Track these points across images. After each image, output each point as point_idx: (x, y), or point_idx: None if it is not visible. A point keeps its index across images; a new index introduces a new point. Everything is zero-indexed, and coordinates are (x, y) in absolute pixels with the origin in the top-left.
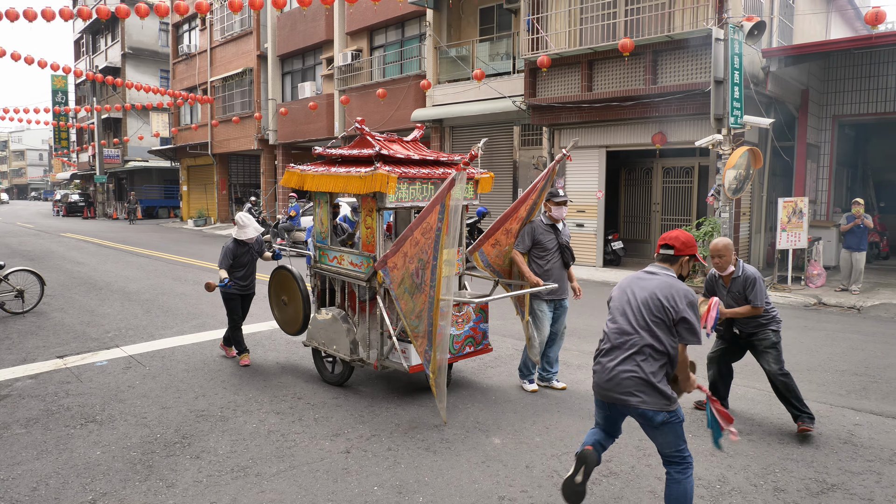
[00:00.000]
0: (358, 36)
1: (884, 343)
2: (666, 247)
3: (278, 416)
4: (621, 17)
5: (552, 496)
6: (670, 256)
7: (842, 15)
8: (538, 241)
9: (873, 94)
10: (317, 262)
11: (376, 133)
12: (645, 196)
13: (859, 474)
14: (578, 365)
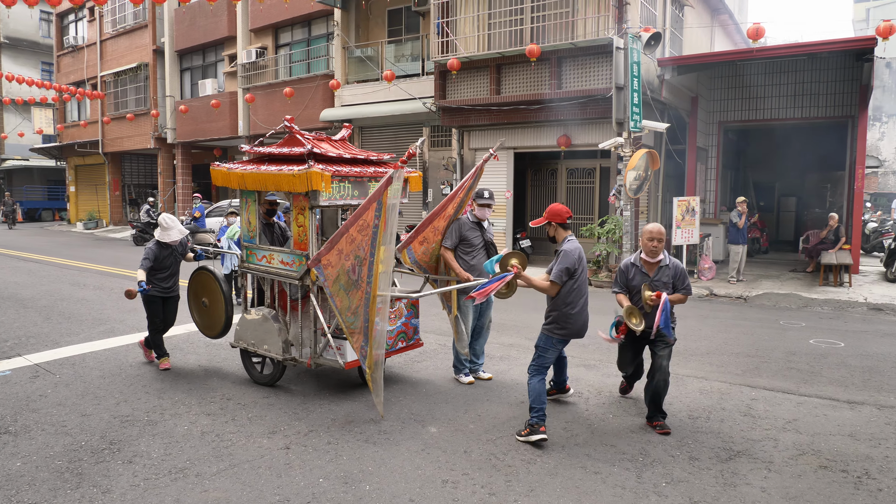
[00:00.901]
0: (263, 33)
1: (769, 328)
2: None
3: (210, 418)
4: (528, 23)
5: (492, 477)
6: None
7: (724, 29)
8: (465, 237)
9: (753, 103)
10: (244, 261)
11: (306, 132)
12: (550, 196)
13: (759, 441)
14: (501, 357)
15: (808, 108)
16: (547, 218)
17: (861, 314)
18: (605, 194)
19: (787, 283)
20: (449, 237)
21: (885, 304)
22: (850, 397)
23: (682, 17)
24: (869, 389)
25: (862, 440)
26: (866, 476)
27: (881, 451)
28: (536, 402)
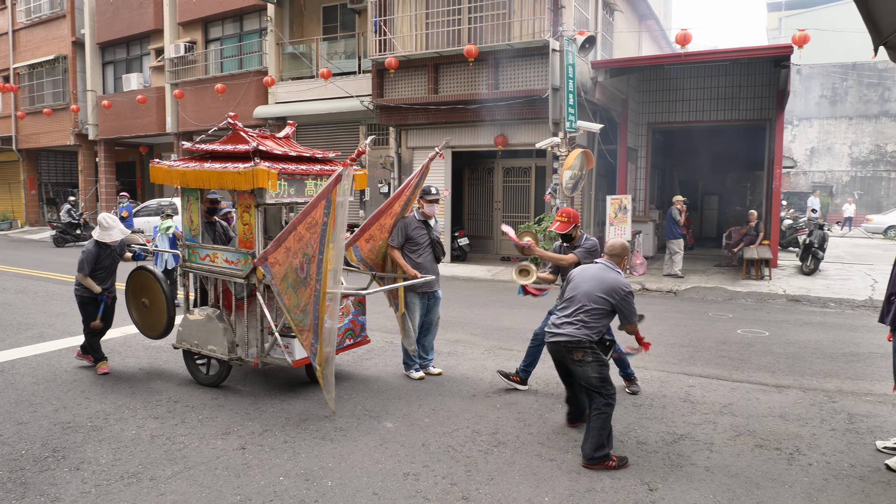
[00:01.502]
0: (191, 27)
1: (699, 319)
2: None
3: (157, 421)
4: (465, 24)
5: (452, 468)
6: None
7: (651, 34)
8: (411, 236)
9: (679, 105)
10: (186, 260)
11: (249, 129)
12: (487, 194)
13: (699, 425)
14: (448, 352)
15: (730, 111)
16: (573, 222)
17: (781, 305)
18: (540, 193)
19: (712, 278)
20: (395, 236)
21: (801, 296)
22: (777, 382)
23: (613, 21)
24: (794, 374)
25: (791, 420)
26: (797, 452)
27: (808, 430)
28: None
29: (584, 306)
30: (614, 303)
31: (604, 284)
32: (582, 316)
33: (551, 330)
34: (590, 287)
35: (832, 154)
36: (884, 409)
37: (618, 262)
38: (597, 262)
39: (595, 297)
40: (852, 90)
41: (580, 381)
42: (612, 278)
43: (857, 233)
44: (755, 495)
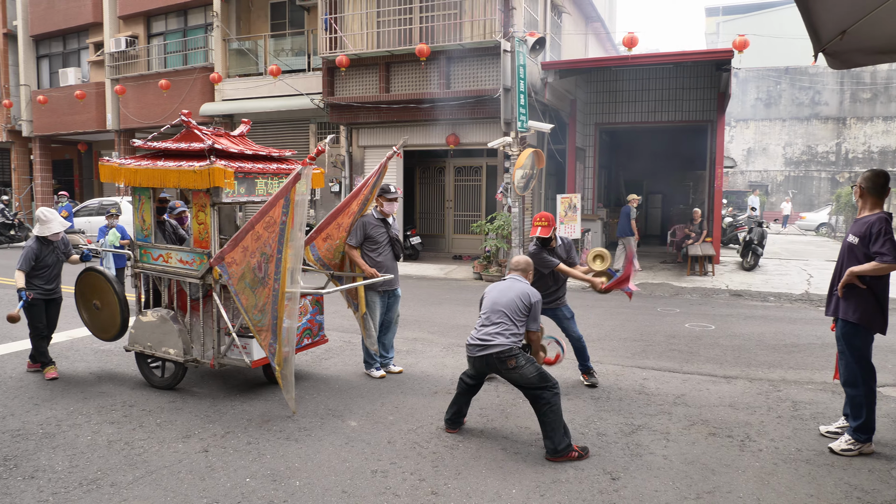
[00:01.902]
0: (133, 21)
1: (649, 314)
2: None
3: (114, 426)
4: (416, 23)
5: (419, 464)
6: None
7: (597, 36)
8: (370, 235)
9: (625, 106)
10: (138, 261)
11: (203, 127)
12: (439, 193)
13: (655, 415)
14: (407, 350)
15: (673, 112)
16: (553, 225)
17: (724, 300)
18: (491, 192)
19: (659, 274)
20: (353, 235)
21: (743, 291)
22: (725, 373)
23: (560, 23)
24: (740, 365)
25: (740, 409)
26: (748, 439)
27: (757, 418)
28: None
29: (506, 314)
30: (529, 306)
31: (519, 292)
32: (508, 325)
33: (477, 343)
34: (508, 297)
35: (767, 154)
36: (825, 396)
37: (524, 276)
38: (506, 279)
39: (516, 304)
40: (785, 93)
41: (521, 385)
42: (524, 288)
43: (791, 230)
44: (711, 481)
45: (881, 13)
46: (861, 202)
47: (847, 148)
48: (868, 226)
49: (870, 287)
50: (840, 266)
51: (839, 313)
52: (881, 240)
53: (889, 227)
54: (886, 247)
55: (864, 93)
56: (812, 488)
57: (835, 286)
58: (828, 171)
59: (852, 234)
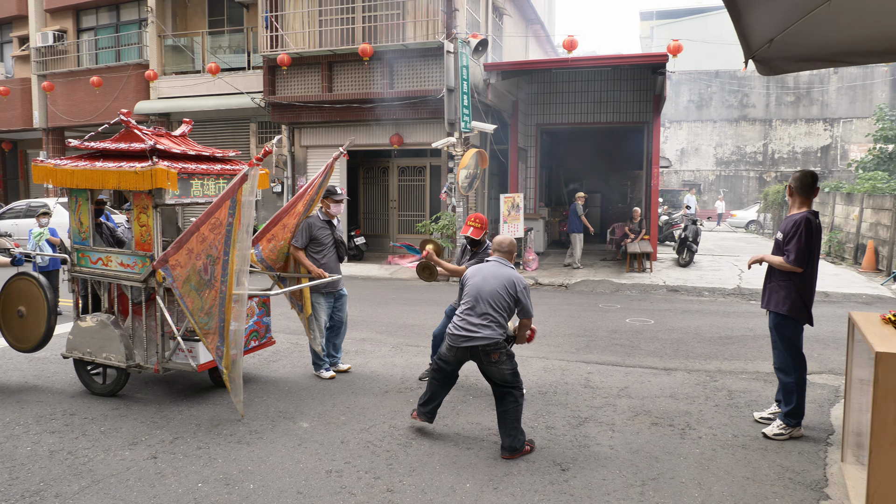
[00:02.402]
0: (61, 14)
1: (591, 311)
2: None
3: (55, 436)
4: (359, 23)
5: (374, 463)
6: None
7: (537, 38)
8: (315, 236)
9: (565, 107)
10: (75, 265)
11: (144, 127)
12: (382, 193)
13: (601, 408)
14: (356, 351)
15: (611, 114)
16: (485, 228)
17: (662, 295)
18: (435, 192)
19: (599, 271)
20: (299, 236)
21: (679, 286)
22: (665, 365)
23: (502, 25)
24: (679, 358)
25: (680, 399)
26: (688, 428)
27: (696, 407)
28: None
29: (492, 305)
30: (516, 297)
31: (504, 281)
32: (493, 315)
33: (463, 334)
34: (492, 286)
35: (699, 155)
36: (757, 385)
37: (508, 258)
38: (489, 261)
39: (499, 294)
40: (716, 96)
41: (495, 380)
42: (509, 274)
43: (723, 227)
44: (655, 468)
45: (804, 24)
46: (791, 200)
47: (773, 148)
48: (793, 224)
49: (794, 282)
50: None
51: (771, 306)
52: (793, 241)
53: (808, 228)
54: (793, 247)
55: (788, 96)
56: (748, 471)
57: (769, 281)
58: (756, 170)
59: (780, 231)
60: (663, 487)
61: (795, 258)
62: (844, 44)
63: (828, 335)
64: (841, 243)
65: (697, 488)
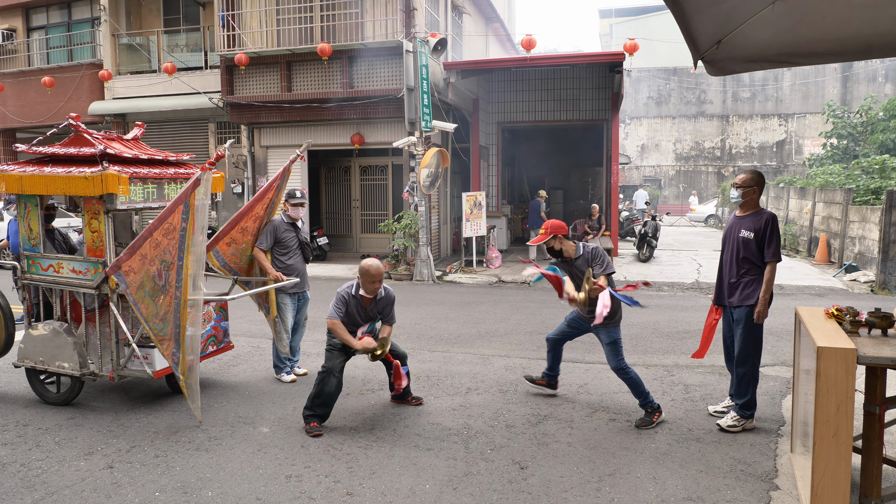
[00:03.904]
0: (9, 13)
1: (553, 308)
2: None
3: (7, 448)
4: (318, 21)
5: (333, 466)
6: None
7: (497, 36)
8: (280, 239)
9: (525, 105)
10: (25, 272)
11: (94, 131)
12: (345, 193)
13: (560, 405)
14: (318, 353)
15: (571, 112)
16: (553, 232)
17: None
18: (398, 191)
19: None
20: (263, 239)
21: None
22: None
23: (461, 23)
24: (637, 353)
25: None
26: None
27: None
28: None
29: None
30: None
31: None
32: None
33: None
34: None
35: (660, 150)
36: (712, 379)
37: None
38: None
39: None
40: (675, 93)
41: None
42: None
43: (682, 222)
44: (612, 463)
45: (750, 27)
46: (750, 198)
47: (731, 143)
48: (765, 222)
49: (763, 275)
50: (733, 256)
51: (742, 300)
52: (774, 237)
53: (777, 223)
54: (775, 243)
55: (744, 92)
56: (702, 464)
57: (738, 276)
58: (714, 165)
59: (745, 229)
60: (619, 483)
61: (777, 253)
62: (789, 45)
63: (781, 327)
64: (795, 236)
65: (653, 482)
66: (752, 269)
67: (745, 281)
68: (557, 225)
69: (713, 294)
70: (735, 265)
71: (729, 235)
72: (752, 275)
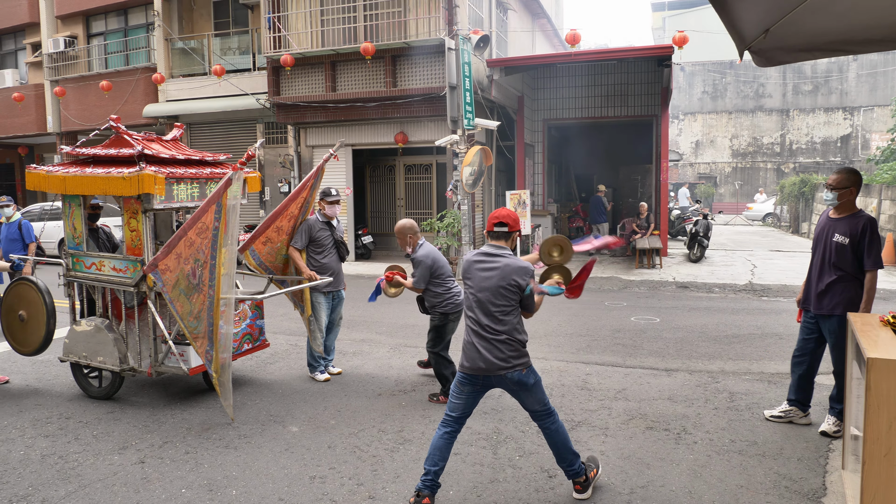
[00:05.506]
0: (71, 20)
1: (596, 309)
2: (500, 224)
3: (48, 440)
4: (361, 21)
5: (358, 469)
6: (504, 233)
7: (543, 32)
8: (315, 238)
9: (572, 102)
10: (70, 270)
11: (134, 132)
12: (390, 192)
13: (596, 411)
14: (354, 352)
15: (619, 108)
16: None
17: (671, 292)
18: (442, 189)
19: (608, 267)
20: (299, 238)
21: (689, 283)
22: (666, 366)
23: (506, 20)
24: (682, 358)
25: (679, 402)
26: (684, 432)
27: (694, 410)
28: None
29: None
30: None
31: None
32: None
33: None
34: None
35: (715, 147)
36: (760, 386)
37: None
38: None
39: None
40: (731, 86)
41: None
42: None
43: (737, 220)
44: (645, 475)
45: (799, 14)
46: (847, 199)
47: (791, 139)
48: (862, 227)
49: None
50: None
51: (825, 309)
52: (874, 244)
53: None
54: (875, 250)
55: (805, 85)
56: (743, 479)
57: (831, 283)
58: (773, 161)
59: (839, 234)
60: (652, 496)
61: (878, 261)
62: (842, 32)
63: None
64: None
65: (688, 497)
66: (844, 276)
67: (835, 289)
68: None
69: (799, 295)
70: (826, 271)
71: (821, 238)
72: (844, 283)
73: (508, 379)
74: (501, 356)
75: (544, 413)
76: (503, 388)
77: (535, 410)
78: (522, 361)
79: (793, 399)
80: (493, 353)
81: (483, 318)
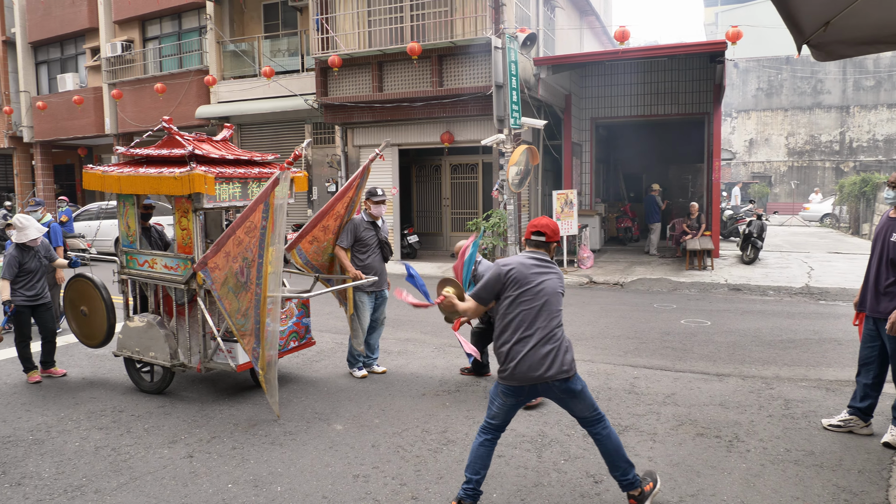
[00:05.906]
0: (128, 25)
1: (645, 311)
2: (538, 234)
3: (102, 432)
4: (408, 21)
5: (402, 469)
6: (542, 243)
7: (592, 30)
8: (360, 237)
9: (620, 100)
10: (124, 267)
11: (185, 133)
12: (435, 191)
13: (644, 416)
14: (398, 351)
15: (670, 106)
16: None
17: (723, 294)
18: (488, 189)
19: (657, 269)
20: (344, 237)
21: (742, 285)
22: (718, 370)
23: (554, 18)
24: (734, 362)
25: (731, 408)
26: (736, 440)
27: (747, 417)
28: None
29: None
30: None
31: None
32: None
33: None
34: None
35: (770, 145)
36: (818, 394)
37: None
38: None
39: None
40: (787, 83)
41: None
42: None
43: (793, 221)
44: (695, 483)
45: (862, 5)
46: None
47: (851, 136)
48: None
49: None
50: (883, 262)
51: (884, 311)
52: None
53: None
54: None
55: (867, 80)
56: (798, 490)
57: (875, 284)
58: (832, 160)
59: None
60: None
61: None
62: None
63: None
64: None
65: None
66: None
67: (894, 291)
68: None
69: (857, 297)
70: (885, 272)
71: (879, 238)
72: None
73: (557, 387)
74: (567, 361)
75: (594, 419)
76: (549, 397)
77: (585, 417)
78: (575, 368)
79: (854, 407)
80: (561, 358)
81: (551, 322)
